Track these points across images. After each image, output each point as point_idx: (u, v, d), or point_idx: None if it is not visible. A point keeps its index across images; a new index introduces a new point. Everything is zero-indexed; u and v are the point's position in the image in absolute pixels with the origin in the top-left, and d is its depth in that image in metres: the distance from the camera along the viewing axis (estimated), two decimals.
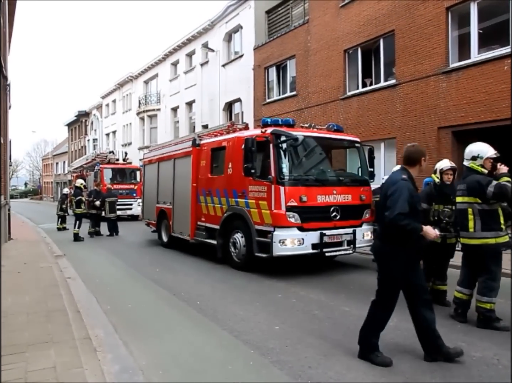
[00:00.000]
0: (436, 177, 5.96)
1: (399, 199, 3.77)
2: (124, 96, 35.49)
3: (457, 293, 5.30)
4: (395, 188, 3.87)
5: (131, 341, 4.66)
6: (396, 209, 3.74)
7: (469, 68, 10.76)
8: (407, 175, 4.01)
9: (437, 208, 5.90)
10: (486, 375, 3.75)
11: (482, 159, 5.13)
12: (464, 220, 5.07)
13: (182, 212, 10.88)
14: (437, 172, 5.89)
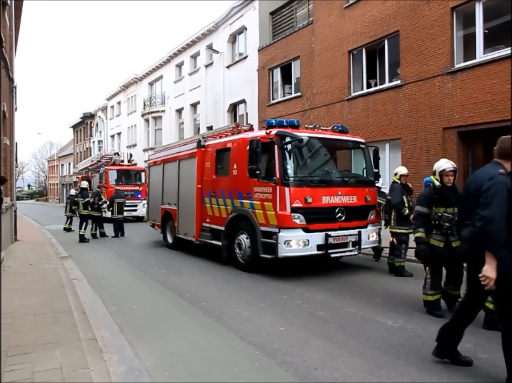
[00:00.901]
0: (435, 179, 5.53)
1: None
2: (129, 98, 35.61)
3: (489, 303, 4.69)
4: (491, 184, 3.38)
5: (137, 342, 4.67)
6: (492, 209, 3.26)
7: (474, 68, 10.72)
8: (504, 170, 3.49)
9: (437, 211, 5.48)
10: (493, 377, 3.73)
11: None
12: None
13: (187, 213, 10.89)
14: (437, 173, 5.43)
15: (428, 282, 5.64)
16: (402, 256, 8.09)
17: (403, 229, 8.00)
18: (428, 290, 5.63)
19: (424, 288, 5.70)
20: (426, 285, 5.69)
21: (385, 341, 4.60)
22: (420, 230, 5.55)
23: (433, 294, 5.61)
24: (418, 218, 5.60)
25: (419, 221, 5.58)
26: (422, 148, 11.97)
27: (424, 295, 5.70)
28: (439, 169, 5.50)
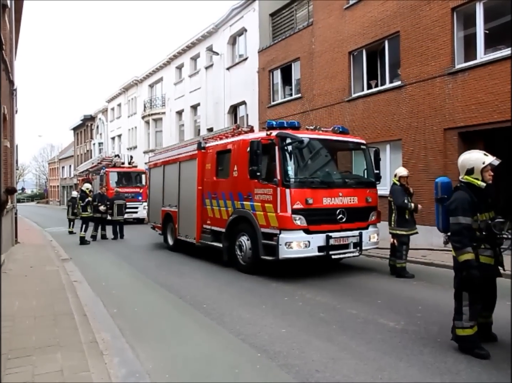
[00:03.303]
0: (475, 179, 4.69)
1: None
2: (129, 100, 35.63)
3: None
4: None
5: (138, 344, 4.66)
6: None
7: (475, 69, 10.70)
8: None
9: (483, 219, 4.61)
10: (495, 379, 3.71)
11: None
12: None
13: (187, 215, 10.89)
14: (475, 171, 4.63)
15: (466, 310, 4.29)
16: (403, 257, 8.07)
17: (404, 230, 8.00)
18: (466, 321, 4.28)
19: (460, 320, 4.32)
20: (462, 315, 4.31)
21: (386, 343, 4.58)
22: (469, 250, 4.17)
23: (473, 325, 4.29)
24: (463, 233, 4.19)
25: (466, 238, 4.18)
26: (423, 149, 11.94)
27: (460, 330, 4.32)
28: (479, 165, 4.34)
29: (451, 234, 4.31)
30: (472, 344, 4.24)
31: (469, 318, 4.27)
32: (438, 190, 4.70)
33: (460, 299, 4.36)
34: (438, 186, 4.70)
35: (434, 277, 8.18)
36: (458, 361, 4.08)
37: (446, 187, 4.66)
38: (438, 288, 7.24)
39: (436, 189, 4.73)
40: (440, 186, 4.68)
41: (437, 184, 4.73)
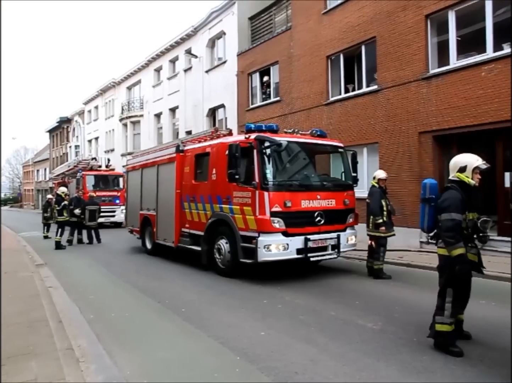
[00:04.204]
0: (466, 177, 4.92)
1: None
2: (107, 102, 35.19)
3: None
4: None
5: (115, 350, 4.59)
6: None
7: (448, 74, 10.95)
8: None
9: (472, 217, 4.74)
10: (470, 375, 3.80)
11: None
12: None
13: (166, 218, 10.80)
14: (468, 170, 4.76)
15: (448, 307, 4.40)
16: (381, 259, 8.19)
17: (382, 232, 8.10)
18: (447, 317, 4.39)
19: (441, 315, 4.43)
20: (444, 311, 4.41)
21: (365, 344, 4.63)
22: (462, 245, 4.29)
23: (452, 323, 4.42)
24: (456, 229, 4.31)
25: (459, 233, 4.31)
26: (399, 152, 12.15)
27: (439, 325, 4.43)
28: (472, 164, 4.51)
29: (444, 230, 4.37)
30: (448, 340, 4.35)
31: (450, 314, 4.38)
32: (426, 190, 4.79)
33: (444, 296, 4.46)
34: (427, 187, 4.78)
35: (411, 277, 8.34)
36: (435, 359, 4.16)
37: (434, 187, 4.78)
38: (415, 288, 7.38)
39: (424, 189, 4.81)
40: (428, 186, 4.78)
41: (426, 185, 4.82)
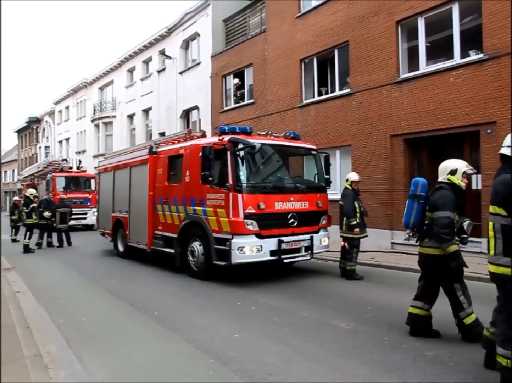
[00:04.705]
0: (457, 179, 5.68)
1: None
2: (78, 102, 34.52)
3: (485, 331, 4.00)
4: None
5: (86, 355, 4.49)
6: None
7: (418, 79, 11.22)
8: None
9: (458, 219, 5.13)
10: (439, 373, 3.88)
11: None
12: (487, 237, 3.64)
13: (138, 221, 10.67)
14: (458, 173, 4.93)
15: (463, 299, 4.60)
16: (353, 260, 8.30)
17: (355, 233, 8.21)
18: (468, 308, 4.58)
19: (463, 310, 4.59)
20: (462, 305, 4.60)
21: (338, 344, 4.68)
22: (456, 242, 4.53)
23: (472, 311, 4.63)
24: (452, 226, 4.48)
25: (453, 231, 4.50)
26: (371, 154, 12.36)
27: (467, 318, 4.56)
28: (462, 168, 4.73)
29: (441, 227, 4.45)
30: (480, 327, 4.37)
31: (468, 304, 4.57)
32: (417, 187, 4.88)
33: (454, 292, 4.61)
34: (419, 184, 4.88)
35: (382, 278, 8.49)
36: (405, 358, 4.23)
37: (425, 185, 4.88)
38: (386, 288, 7.53)
39: (415, 186, 4.89)
40: (421, 184, 4.87)
41: (418, 182, 4.92)
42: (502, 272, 3.37)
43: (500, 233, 3.39)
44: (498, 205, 3.40)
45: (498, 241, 3.41)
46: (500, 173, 3.53)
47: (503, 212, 3.36)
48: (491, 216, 3.49)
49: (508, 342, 3.35)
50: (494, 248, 3.45)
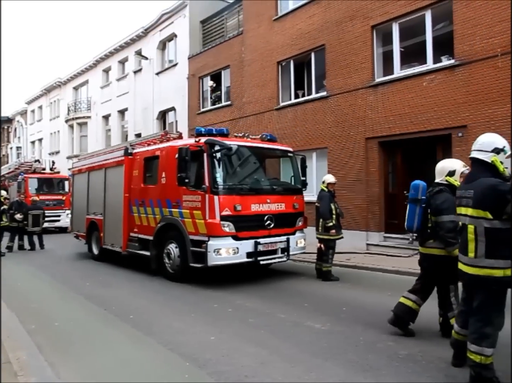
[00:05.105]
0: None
1: None
2: (52, 102, 33.83)
3: (454, 333, 4.07)
4: None
5: (58, 361, 4.39)
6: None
7: (393, 83, 11.44)
8: None
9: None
10: (412, 371, 3.96)
11: (506, 154, 3.69)
12: (464, 240, 3.71)
13: (113, 223, 10.52)
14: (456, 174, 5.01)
15: (454, 300, 4.74)
16: (329, 261, 8.37)
17: (331, 235, 8.28)
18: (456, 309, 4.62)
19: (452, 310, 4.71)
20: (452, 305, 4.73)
21: (314, 345, 4.71)
22: None
23: None
24: (456, 230, 4.28)
25: (458, 234, 4.15)
26: (347, 156, 12.51)
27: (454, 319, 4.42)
28: (460, 169, 4.77)
29: (446, 231, 4.49)
30: None
31: (456, 305, 4.64)
32: (418, 191, 4.89)
33: (447, 293, 4.76)
34: (420, 188, 4.88)
35: (358, 279, 8.60)
36: (379, 357, 4.29)
37: (425, 189, 4.89)
38: (362, 289, 7.62)
39: (415, 190, 4.91)
40: (421, 188, 4.88)
41: (418, 186, 4.92)
42: (485, 274, 3.47)
43: (483, 236, 3.49)
44: (483, 208, 3.48)
45: (480, 243, 3.51)
46: (477, 176, 3.63)
47: (488, 215, 3.45)
48: (472, 219, 3.58)
49: (484, 339, 3.48)
50: (475, 250, 3.54)
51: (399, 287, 7.53)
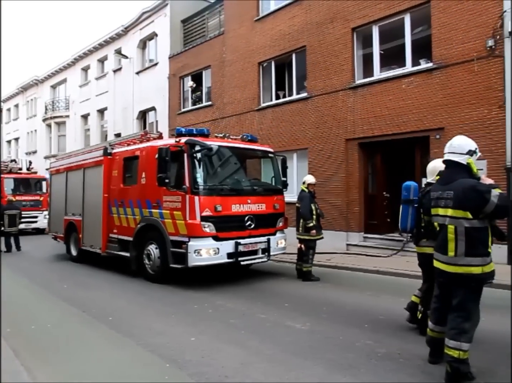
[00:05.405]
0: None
1: None
2: (29, 101, 33.15)
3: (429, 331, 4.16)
4: None
5: (35, 365, 4.30)
6: None
7: (372, 85, 11.58)
8: None
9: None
10: (390, 369, 4.02)
11: (477, 156, 3.89)
12: (443, 240, 3.83)
13: (93, 224, 10.38)
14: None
15: None
16: (310, 261, 8.43)
17: (311, 235, 8.33)
18: None
19: None
20: None
21: (294, 345, 4.74)
22: None
23: None
24: None
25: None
26: (327, 157, 12.62)
27: None
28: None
29: None
30: None
31: None
32: (410, 192, 4.95)
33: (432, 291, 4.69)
34: (411, 189, 4.95)
35: (338, 278, 8.69)
36: (358, 356, 4.35)
37: (417, 189, 4.96)
38: (341, 289, 7.71)
39: (407, 191, 4.97)
40: (413, 188, 4.95)
41: (410, 187, 4.99)
42: (464, 272, 3.62)
43: (463, 236, 3.63)
44: (464, 209, 3.61)
45: (460, 243, 3.65)
46: (453, 178, 3.76)
47: (468, 215, 3.59)
48: (452, 220, 3.70)
49: (462, 334, 3.62)
50: (455, 249, 3.68)
51: (379, 287, 7.71)
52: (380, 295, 7.05)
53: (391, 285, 7.99)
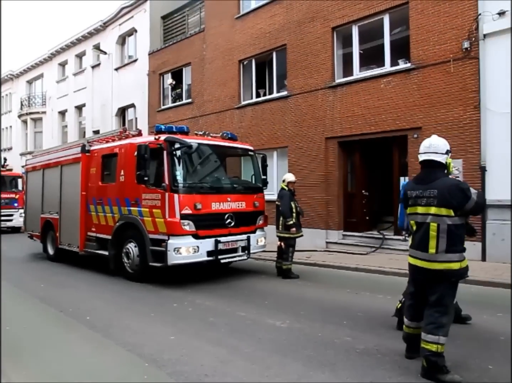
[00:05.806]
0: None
1: None
2: (3, 96, 32.37)
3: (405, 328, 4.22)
4: None
5: (10, 368, 4.19)
6: None
7: (351, 84, 11.70)
8: None
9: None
10: (368, 364, 4.09)
11: (449, 154, 4.00)
12: (423, 238, 3.88)
13: (70, 222, 10.22)
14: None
15: None
16: (289, 259, 8.48)
17: (291, 233, 8.38)
18: None
19: None
20: None
21: (273, 342, 4.77)
22: None
23: None
24: None
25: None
26: (307, 156, 12.70)
27: None
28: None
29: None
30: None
31: None
32: None
33: None
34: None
35: (317, 276, 8.75)
36: (337, 353, 4.40)
37: None
38: (321, 286, 7.78)
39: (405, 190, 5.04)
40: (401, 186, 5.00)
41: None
42: (445, 268, 3.74)
43: (445, 233, 3.73)
44: (448, 207, 3.71)
45: (442, 240, 3.75)
46: (434, 177, 3.84)
47: (450, 213, 3.71)
48: (434, 218, 3.78)
49: (440, 328, 3.71)
50: (436, 247, 3.77)
51: (358, 284, 7.81)
52: (359, 292, 7.14)
53: (369, 282, 8.10)
